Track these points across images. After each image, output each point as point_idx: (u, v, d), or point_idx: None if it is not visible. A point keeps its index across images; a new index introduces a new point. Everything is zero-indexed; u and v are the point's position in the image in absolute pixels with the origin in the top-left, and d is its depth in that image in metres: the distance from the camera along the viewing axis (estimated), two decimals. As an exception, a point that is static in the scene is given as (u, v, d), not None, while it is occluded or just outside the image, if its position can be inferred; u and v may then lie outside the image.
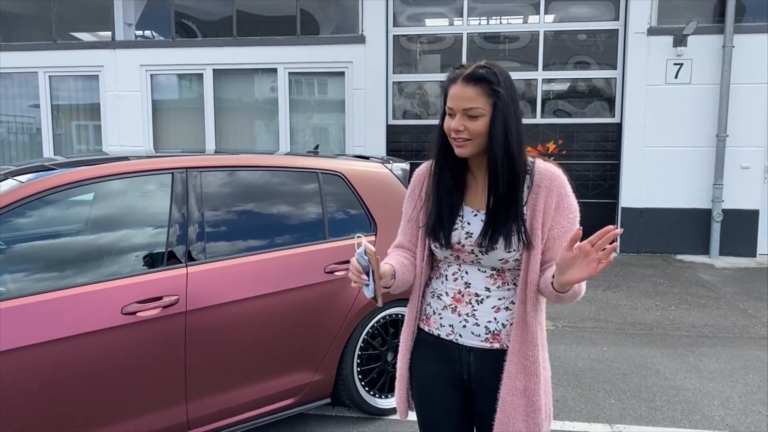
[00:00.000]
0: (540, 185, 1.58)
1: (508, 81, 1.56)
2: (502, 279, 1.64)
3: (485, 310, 1.64)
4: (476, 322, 1.64)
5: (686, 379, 3.86)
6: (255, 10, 8.78)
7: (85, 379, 2.34)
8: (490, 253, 1.59)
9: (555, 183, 1.59)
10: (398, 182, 3.56)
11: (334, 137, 8.79)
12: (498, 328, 1.63)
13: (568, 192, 1.60)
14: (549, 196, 1.57)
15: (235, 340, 2.72)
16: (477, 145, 1.56)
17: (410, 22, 8.50)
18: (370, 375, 3.28)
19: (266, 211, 3.04)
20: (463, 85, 1.53)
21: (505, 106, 1.53)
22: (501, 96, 1.52)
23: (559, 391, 3.68)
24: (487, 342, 1.64)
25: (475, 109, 1.52)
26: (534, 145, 7.99)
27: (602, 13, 8.09)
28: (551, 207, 1.57)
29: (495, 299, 1.64)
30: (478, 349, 1.65)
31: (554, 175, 1.60)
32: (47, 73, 9.04)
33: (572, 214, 1.60)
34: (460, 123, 1.54)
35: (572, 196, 1.61)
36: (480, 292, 1.64)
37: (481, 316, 1.64)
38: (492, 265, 1.62)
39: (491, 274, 1.64)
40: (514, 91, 1.56)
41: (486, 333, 1.64)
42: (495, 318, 1.63)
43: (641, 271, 6.93)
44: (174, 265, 2.63)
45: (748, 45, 7.49)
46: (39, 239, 2.58)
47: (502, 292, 1.64)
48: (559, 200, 1.58)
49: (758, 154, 7.68)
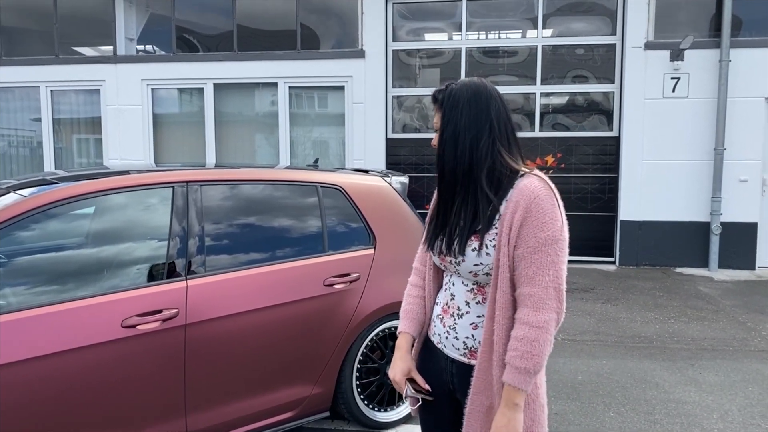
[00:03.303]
0: (511, 199, 1.54)
1: (464, 95, 1.60)
2: (482, 294, 1.63)
3: (464, 325, 1.65)
4: (456, 335, 1.66)
5: (686, 392, 3.86)
6: (255, 25, 8.85)
7: (85, 392, 2.35)
8: (462, 265, 1.60)
9: (525, 198, 1.51)
10: (397, 196, 3.58)
11: (333, 151, 8.83)
12: (475, 345, 1.63)
13: (542, 208, 1.49)
14: (516, 210, 1.51)
15: (234, 353, 2.72)
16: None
17: (409, 36, 8.58)
18: (369, 388, 3.27)
19: (266, 224, 3.06)
20: (433, 104, 1.70)
21: (451, 119, 1.61)
22: (445, 111, 1.63)
23: (558, 404, 3.67)
24: (465, 357, 1.65)
25: (438, 124, 1.65)
26: (533, 159, 8.03)
27: (599, 28, 8.16)
28: (517, 223, 1.50)
29: (473, 315, 1.64)
30: (459, 362, 1.67)
31: (527, 190, 1.52)
32: (49, 87, 9.10)
33: (543, 233, 1.48)
34: (435, 140, 1.68)
35: (547, 213, 1.49)
36: (461, 306, 1.66)
37: (461, 331, 1.65)
38: (471, 278, 1.63)
39: (471, 288, 1.64)
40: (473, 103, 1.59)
41: (464, 348, 1.65)
42: (473, 335, 1.64)
43: (640, 284, 6.93)
44: (174, 278, 2.64)
45: (744, 59, 7.55)
46: (40, 253, 2.59)
47: (481, 309, 1.63)
48: (526, 216, 1.49)
49: (756, 167, 7.71)
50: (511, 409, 1.48)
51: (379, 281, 3.20)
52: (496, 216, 1.56)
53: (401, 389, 1.75)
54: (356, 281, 3.15)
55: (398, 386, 1.75)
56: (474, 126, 1.59)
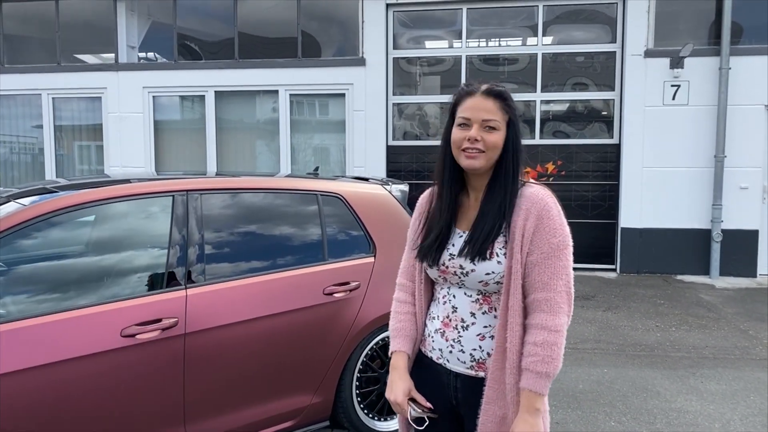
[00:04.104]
0: (521, 207, 1.56)
1: (515, 103, 1.63)
2: (488, 304, 1.62)
3: (470, 337, 1.63)
4: (462, 348, 1.63)
5: (687, 402, 3.84)
6: (257, 33, 8.88)
7: (83, 402, 2.34)
8: (471, 275, 1.59)
9: (536, 205, 1.55)
10: (397, 204, 3.58)
11: (334, 158, 8.84)
12: (483, 356, 1.62)
13: (552, 215, 1.54)
14: (528, 218, 1.54)
15: (233, 362, 2.71)
16: (488, 159, 1.58)
17: (410, 44, 8.60)
18: (369, 397, 3.26)
19: (266, 232, 3.06)
20: (483, 97, 1.59)
21: (517, 124, 1.61)
22: (514, 114, 1.60)
23: (558, 413, 3.66)
24: (473, 370, 1.63)
25: (494, 121, 1.57)
26: (533, 166, 8.03)
27: (599, 36, 8.19)
28: (530, 230, 1.53)
29: (480, 326, 1.62)
30: (464, 375, 1.64)
31: (537, 197, 1.56)
32: (51, 94, 9.13)
33: (555, 239, 1.53)
34: (478, 133, 1.57)
35: (557, 220, 1.55)
36: (465, 318, 1.63)
37: (467, 343, 1.63)
38: (476, 288, 1.62)
39: (476, 298, 1.63)
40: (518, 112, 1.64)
41: (471, 361, 1.63)
42: (480, 346, 1.62)
43: (641, 292, 6.92)
44: (174, 287, 2.64)
45: (744, 67, 7.57)
46: (40, 262, 2.59)
47: (488, 319, 1.62)
48: (538, 222, 1.53)
49: (756, 175, 7.71)
50: (533, 414, 1.49)
51: (379, 290, 3.19)
52: (504, 224, 1.57)
53: (404, 411, 1.68)
54: (356, 290, 3.14)
55: (400, 408, 1.68)
56: (520, 134, 1.63)
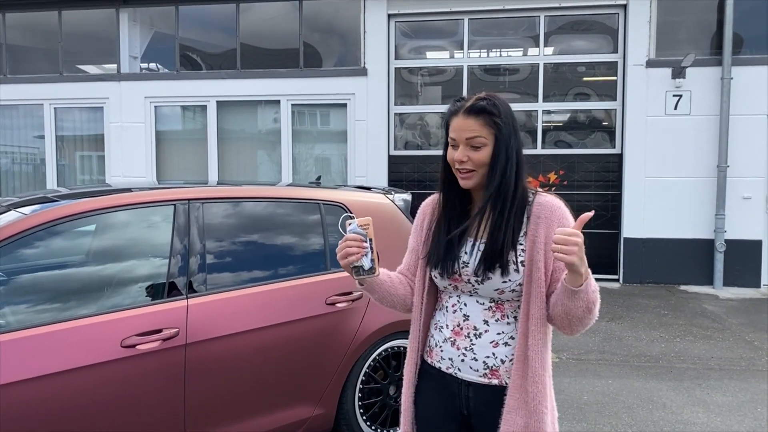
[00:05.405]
0: (540, 216, 1.57)
1: (509, 112, 1.60)
2: (501, 311, 1.61)
3: (483, 344, 1.61)
4: (474, 356, 1.62)
5: (693, 414, 3.80)
6: (259, 43, 8.91)
7: (83, 413, 2.30)
8: (486, 283, 1.58)
9: (556, 214, 1.57)
10: (400, 213, 3.56)
11: (336, 167, 8.83)
12: (497, 363, 1.60)
13: (569, 222, 1.57)
14: (549, 227, 1.55)
15: (235, 373, 2.68)
16: (481, 176, 1.59)
17: (411, 54, 8.62)
18: (371, 409, 3.22)
19: (268, 242, 3.04)
20: (464, 117, 1.57)
21: (507, 136, 1.57)
22: (502, 127, 1.56)
23: (563, 425, 3.61)
24: (486, 378, 1.61)
25: (478, 138, 1.55)
26: (535, 176, 8.02)
27: (601, 46, 8.20)
28: (551, 237, 1.53)
29: (493, 333, 1.61)
30: (477, 384, 1.62)
31: (555, 207, 1.58)
32: (53, 104, 9.15)
33: None
34: (464, 154, 1.57)
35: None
36: (478, 326, 1.62)
37: (480, 351, 1.61)
38: (490, 296, 1.61)
39: (489, 306, 1.62)
40: (514, 121, 1.60)
41: (484, 368, 1.61)
42: (493, 353, 1.61)
43: (645, 302, 6.87)
44: (175, 296, 2.61)
45: (746, 77, 7.57)
46: (40, 271, 2.57)
47: (501, 326, 1.61)
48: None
49: (759, 185, 7.69)
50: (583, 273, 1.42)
51: (382, 300, 3.16)
52: (521, 233, 1.58)
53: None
54: (358, 300, 3.11)
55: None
56: (518, 142, 1.61)
